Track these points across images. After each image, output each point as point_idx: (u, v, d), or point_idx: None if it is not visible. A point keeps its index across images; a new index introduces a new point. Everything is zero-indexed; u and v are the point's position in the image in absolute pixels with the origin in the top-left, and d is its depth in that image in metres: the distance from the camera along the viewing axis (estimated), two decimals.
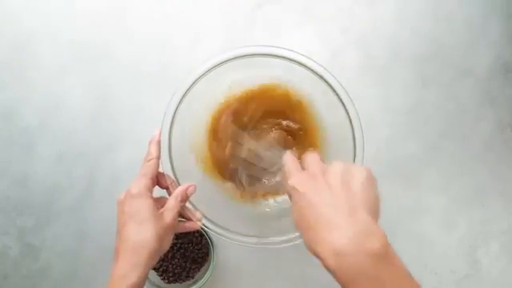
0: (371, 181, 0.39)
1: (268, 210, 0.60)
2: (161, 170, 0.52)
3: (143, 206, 0.46)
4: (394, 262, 0.35)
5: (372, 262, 0.34)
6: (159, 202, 0.49)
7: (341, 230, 0.35)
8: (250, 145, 0.57)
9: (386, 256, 0.35)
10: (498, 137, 0.66)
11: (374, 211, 0.38)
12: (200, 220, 0.51)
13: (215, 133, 0.60)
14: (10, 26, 0.66)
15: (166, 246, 0.47)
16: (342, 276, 0.34)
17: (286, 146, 0.60)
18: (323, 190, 0.38)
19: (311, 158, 0.43)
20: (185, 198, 0.49)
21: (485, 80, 0.67)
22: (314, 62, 0.52)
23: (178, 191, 0.49)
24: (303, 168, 0.43)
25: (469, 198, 0.66)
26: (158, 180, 0.51)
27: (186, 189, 0.49)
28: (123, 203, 0.47)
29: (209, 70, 0.52)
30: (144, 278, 0.44)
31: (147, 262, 0.44)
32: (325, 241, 0.35)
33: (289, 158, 0.44)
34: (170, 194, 0.51)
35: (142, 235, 0.44)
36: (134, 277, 0.42)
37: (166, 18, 0.67)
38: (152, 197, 0.47)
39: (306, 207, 0.38)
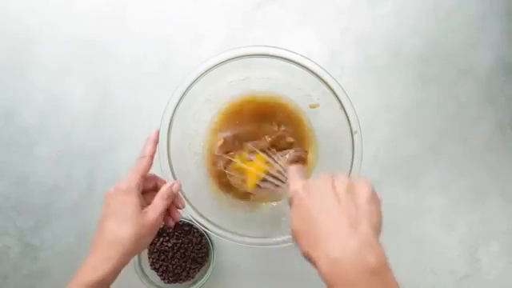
0: (376, 197, 0.39)
1: (268, 210, 0.60)
2: (157, 173, 0.52)
3: (127, 204, 0.46)
4: (388, 279, 0.35)
5: (366, 275, 0.34)
6: (146, 199, 0.49)
7: (340, 238, 0.35)
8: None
9: (380, 272, 0.35)
10: (498, 137, 0.66)
11: (376, 227, 0.38)
12: (183, 207, 0.51)
13: (215, 133, 0.60)
14: (10, 26, 0.66)
15: (145, 244, 0.47)
16: (333, 284, 0.35)
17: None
18: (327, 198, 0.38)
19: (299, 169, 0.45)
20: (170, 195, 0.49)
21: (485, 80, 0.67)
22: (314, 62, 0.52)
23: (163, 189, 0.49)
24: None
25: (469, 198, 0.66)
26: (147, 181, 0.51)
27: (171, 186, 0.50)
28: (111, 196, 0.47)
29: (208, 70, 0.52)
30: (114, 273, 0.44)
31: (120, 258, 0.44)
32: (322, 247, 0.36)
33: (292, 167, 0.46)
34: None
35: (120, 232, 0.45)
36: (103, 270, 0.43)
37: (165, 19, 0.67)
38: (139, 195, 0.48)
39: (307, 212, 0.39)
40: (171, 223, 0.51)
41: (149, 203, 0.48)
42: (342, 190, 0.39)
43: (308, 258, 0.38)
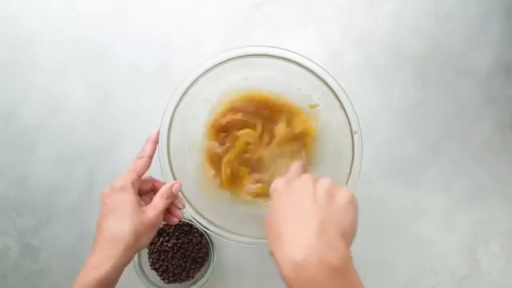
0: (354, 206, 0.39)
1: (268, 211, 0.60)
2: (157, 173, 0.52)
3: (124, 201, 0.46)
4: (352, 280, 0.35)
5: (328, 275, 0.34)
6: (144, 201, 0.49)
7: (303, 242, 0.35)
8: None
9: (344, 273, 0.34)
10: (497, 137, 0.66)
11: (347, 234, 0.37)
12: (183, 207, 0.51)
13: (215, 133, 0.59)
14: (10, 26, 0.66)
15: (145, 242, 0.47)
16: (295, 287, 0.34)
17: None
18: (305, 198, 0.38)
19: (299, 166, 0.44)
20: (170, 195, 0.49)
21: (485, 80, 0.67)
22: (314, 62, 0.52)
23: (163, 189, 0.49)
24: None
25: (469, 198, 0.66)
26: (144, 183, 0.51)
27: (171, 186, 0.50)
28: (107, 196, 0.47)
29: (208, 70, 0.52)
30: (116, 271, 0.44)
31: (121, 255, 0.44)
32: (285, 249, 0.35)
33: (297, 163, 0.45)
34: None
35: (119, 229, 0.45)
36: (105, 268, 0.43)
37: (165, 19, 0.67)
38: (135, 193, 0.48)
39: (279, 212, 0.39)
40: (175, 220, 0.51)
41: (147, 204, 0.48)
42: (322, 192, 0.38)
43: (272, 257, 0.37)
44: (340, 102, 0.52)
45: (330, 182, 0.40)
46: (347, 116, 0.52)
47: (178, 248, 0.63)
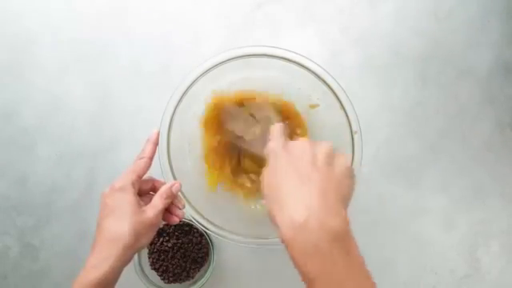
0: (352, 173, 0.40)
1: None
2: (157, 173, 0.52)
3: (124, 201, 0.46)
4: (350, 245, 0.35)
5: (328, 238, 0.34)
6: (144, 201, 0.49)
7: (304, 204, 0.35)
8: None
9: (343, 238, 0.35)
10: (497, 137, 0.66)
11: (345, 200, 0.38)
12: (183, 207, 0.51)
13: (215, 133, 0.59)
14: (10, 26, 0.66)
15: (145, 242, 0.47)
16: (294, 248, 0.34)
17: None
18: (304, 160, 0.38)
19: (280, 127, 0.43)
20: (170, 195, 0.49)
21: (485, 80, 0.67)
22: (314, 62, 0.52)
23: (163, 189, 0.49)
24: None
25: (469, 198, 0.66)
26: (144, 183, 0.51)
27: (171, 186, 0.50)
28: (107, 196, 0.47)
29: (208, 70, 0.52)
30: (116, 271, 0.44)
31: (120, 255, 0.44)
32: (286, 211, 0.35)
33: (277, 125, 0.44)
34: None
35: (119, 228, 0.45)
36: (104, 267, 0.43)
37: (165, 18, 0.67)
38: (135, 193, 0.48)
39: (277, 173, 0.38)
40: (175, 220, 0.51)
41: (147, 204, 0.48)
42: (322, 156, 0.38)
43: (272, 220, 0.37)
44: (340, 101, 0.52)
45: (330, 147, 0.40)
46: (347, 116, 0.52)
47: (178, 248, 0.63)
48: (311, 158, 0.38)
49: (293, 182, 0.37)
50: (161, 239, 0.63)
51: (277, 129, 0.43)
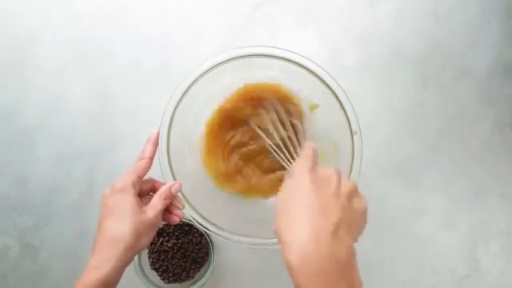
0: (366, 218, 0.41)
1: (268, 211, 0.60)
2: (157, 174, 0.52)
3: (125, 201, 0.46)
4: (354, 278, 0.36)
5: (337, 270, 0.34)
6: (144, 201, 0.49)
7: (318, 232, 0.35)
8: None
9: (349, 270, 0.35)
10: (497, 137, 0.66)
11: (357, 235, 0.39)
12: (183, 207, 0.51)
13: (215, 132, 0.60)
14: (10, 26, 0.66)
15: (145, 242, 0.47)
16: (300, 273, 0.34)
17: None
18: (329, 189, 0.38)
19: (313, 150, 0.44)
20: (169, 195, 0.49)
21: (484, 80, 0.67)
22: (313, 62, 0.52)
23: (162, 189, 0.49)
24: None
25: (469, 198, 0.66)
26: (144, 184, 0.51)
27: (171, 186, 0.50)
28: (107, 197, 0.47)
29: (208, 70, 0.52)
30: (117, 272, 0.44)
31: (122, 255, 0.44)
32: (298, 237, 0.35)
33: (311, 146, 0.44)
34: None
35: (120, 229, 0.45)
36: (106, 268, 0.43)
37: (165, 18, 0.67)
38: (135, 194, 0.48)
39: (299, 192, 0.38)
40: (175, 220, 0.51)
41: (147, 205, 0.48)
42: (346, 190, 0.39)
43: (279, 240, 0.37)
44: (340, 102, 0.52)
45: (355, 185, 0.40)
46: (347, 116, 0.52)
47: (178, 248, 0.63)
48: (336, 188, 0.39)
49: (312, 210, 0.37)
50: (161, 239, 0.63)
51: (309, 149, 0.43)
